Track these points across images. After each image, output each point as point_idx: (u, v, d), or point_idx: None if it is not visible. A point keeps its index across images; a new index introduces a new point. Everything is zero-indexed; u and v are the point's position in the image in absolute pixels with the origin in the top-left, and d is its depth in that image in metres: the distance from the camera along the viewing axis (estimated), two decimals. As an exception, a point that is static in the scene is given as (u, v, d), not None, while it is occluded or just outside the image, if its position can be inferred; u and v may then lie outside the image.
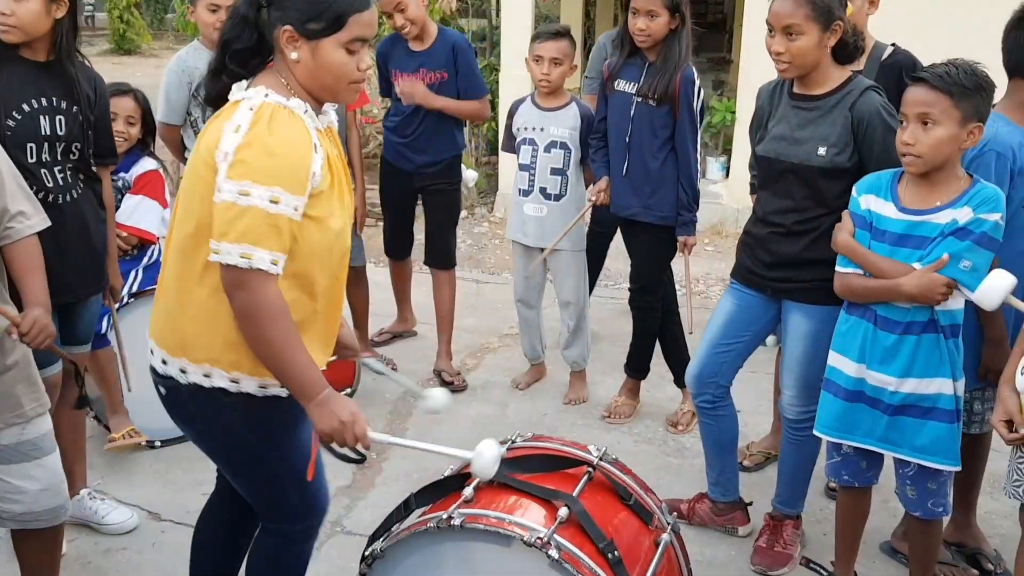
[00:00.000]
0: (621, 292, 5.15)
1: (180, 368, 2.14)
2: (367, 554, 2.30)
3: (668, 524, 2.43)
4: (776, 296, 3.07)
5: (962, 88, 2.46)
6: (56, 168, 2.86)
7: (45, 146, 2.82)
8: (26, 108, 2.77)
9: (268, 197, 1.95)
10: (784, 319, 3.08)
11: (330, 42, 2.04)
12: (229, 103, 2.09)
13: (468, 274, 6.21)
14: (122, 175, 3.74)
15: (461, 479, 2.34)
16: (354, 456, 3.73)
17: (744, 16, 7.16)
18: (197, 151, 2.08)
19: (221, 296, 2.05)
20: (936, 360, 2.61)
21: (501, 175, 7.68)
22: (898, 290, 2.56)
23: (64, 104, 2.83)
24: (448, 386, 4.24)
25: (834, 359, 2.78)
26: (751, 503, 3.36)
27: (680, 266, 4.03)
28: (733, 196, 7.03)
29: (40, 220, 2.56)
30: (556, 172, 4.14)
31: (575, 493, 2.27)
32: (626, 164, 3.88)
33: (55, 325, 2.61)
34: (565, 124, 4.12)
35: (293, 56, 2.05)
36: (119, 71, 13.16)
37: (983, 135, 2.54)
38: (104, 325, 3.48)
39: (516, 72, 6.90)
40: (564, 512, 2.18)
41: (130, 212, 3.73)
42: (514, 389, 4.50)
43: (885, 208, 2.64)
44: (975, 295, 2.48)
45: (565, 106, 4.15)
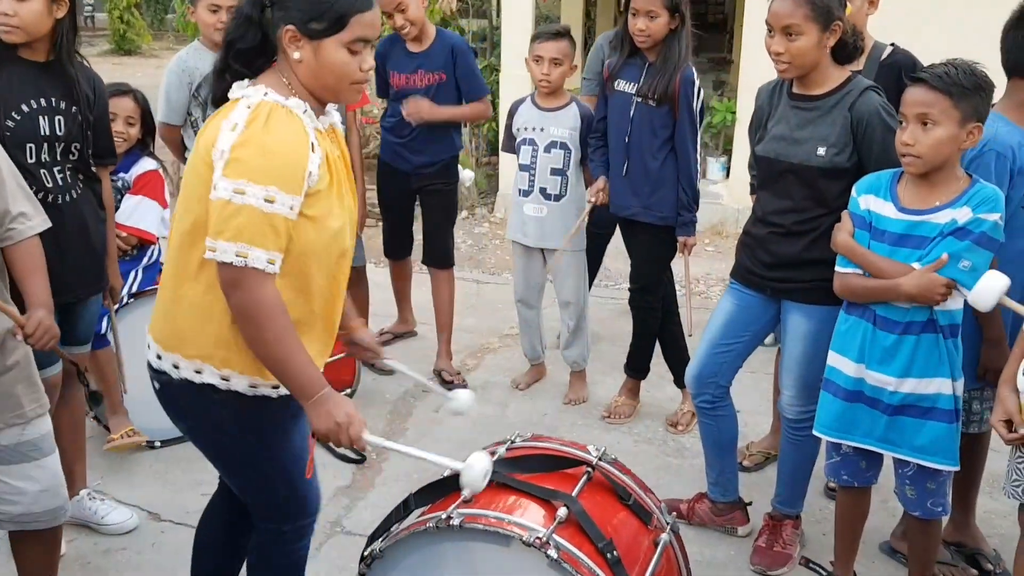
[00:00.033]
0: (621, 292, 5.14)
1: (173, 363, 2.14)
2: (366, 554, 2.30)
3: (667, 524, 2.43)
4: (776, 296, 3.07)
5: (961, 88, 2.46)
6: (56, 168, 2.86)
7: (44, 146, 2.82)
8: (25, 108, 2.77)
9: (263, 196, 1.95)
10: (783, 319, 3.08)
11: (332, 42, 2.04)
12: (229, 101, 2.10)
13: (468, 274, 6.21)
14: (122, 175, 3.74)
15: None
16: (354, 456, 3.76)
17: (744, 16, 7.16)
18: (196, 149, 2.08)
19: (215, 293, 2.05)
20: (935, 360, 2.61)
21: (501, 175, 7.68)
22: (898, 290, 2.56)
23: (63, 104, 2.83)
24: (448, 385, 4.24)
25: (833, 359, 2.78)
26: (750, 503, 3.36)
27: (680, 266, 4.03)
28: (733, 196, 7.02)
29: (41, 221, 2.56)
30: (556, 172, 4.14)
31: (574, 493, 2.27)
32: (626, 164, 3.88)
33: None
34: (565, 124, 4.12)
35: (295, 56, 2.06)
36: (119, 71, 13.16)
37: (982, 135, 2.55)
38: (104, 325, 3.49)
39: (517, 72, 6.90)
40: (563, 512, 2.18)
41: (130, 212, 3.73)
42: (514, 389, 4.50)
43: (884, 208, 2.64)
44: (970, 296, 2.48)
45: (565, 106, 4.15)
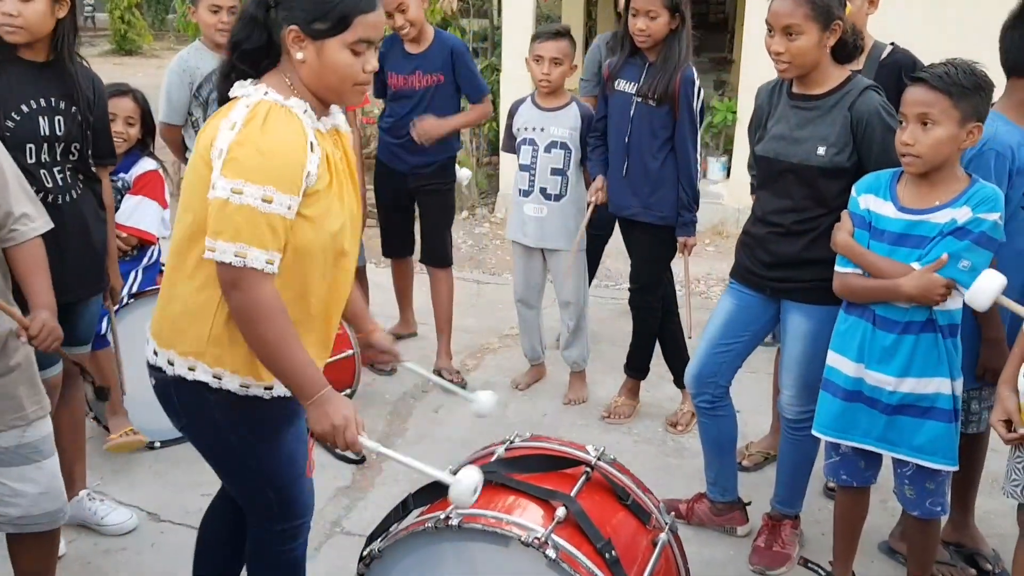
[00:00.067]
0: (621, 292, 5.14)
1: (168, 359, 2.15)
2: (365, 554, 2.30)
3: (666, 524, 2.43)
4: (775, 296, 3.07)
5: (961, 88, 2.46)
6: (56, 169, 2.86)
7: (44, 147, 2.82)
8: (25, 109, 2.77)
9: (261, 196, 1.95)
10: (783, 319, 3.08)
11: (335, 42, 2.03)
12: (230, 100, 2.10)
13: (469, 274, 6.21)
14: (122, 176, 3.75)
15: (459, 479, 2.34)
16: (353, 457, 3.76)
17: (745, 16, 7.16)
18: (197, 148, 2.09)
19: (210, 291, 2.06)
20: (934, 360, 2.61)
21: (502, 175, 7.68)
22: (897, 291, 2.56)
23: (63, 104, 2.83)
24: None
25: (833, 359, 2.78)
26: (749, 503, 3.36)
27: (680, 267, 4.03)
28: (734, 196, 7.02)
29: (44, 222, 2.56)
30: (556, 172, 4.14)
31: (573, 493, 2.27)
32: (626, 164, 3.88)
33: None
34: (565, 124, 4.11)
35: (299, 56, 2.06)
36: (120, 72, 13.15)
37: (982, 134, 2.55)
38: (104, 326, 3.49)
39: (517, 72, 6.89)
40: (562, 512, 2.19)
41: (130, 212, 3.73)
42: (514, 389, 4.50)
43: (884, 208, 2.63)
44: (966, 296, 2.48)
45: (565, 106, 4.14)
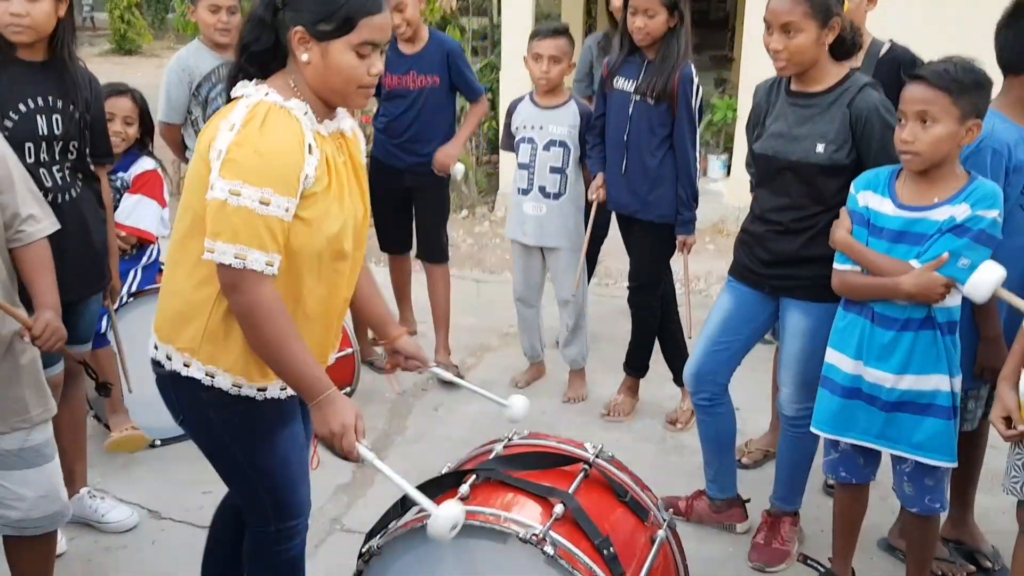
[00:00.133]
0: (620, 291, 5.13)
1: (166, 354, 2.17)
2: (364, 551, 2.31)
3: (664, 521, 2.43)
4: (774, 293, 3.07)
5: (961, 85, 2.46)
6: (55, 168, 2.87)
7: (43, 146, 2.83)
8: (23, 108, 2.77)
9: (259, 198, 1.95)
10: (782, 316, 3.08)
11: (340, 44, 2.03)
12: (232, 101, 2.10)
13: (468, 273, 6.20)
14: (120, 175, 3.75)
15: (457, 476, 2.34)
16: (353, 456, 3.76)
17: (745, 13, 7.15)
18: (198, 148, 2.09)
19: (208, 289, 2.07)
20: (933, 357, 2.61)
21: (502, 174, 7.67)
22: (897, 289, 2.56)
23: (60, 103, 2.84)
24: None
25: (831, 356, 2.78)
26: (749, 500, 3.35)
27: (680, 265, 4.03)
28: (734, 194, 7.00)
29: (50, 224, 2.56)
30: (555, 171, 4.13)
31: (571, 490, 2.27)
32: (624, 162, 3.88)
33: None
34: (564, 122, 4.11)
35: (304, 57, 2.05)
36: (120, 71, 13.14)
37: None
38: (104, 325, 3.49)
39: (517, 71, 6.88)
40: (560, 509, 2.19)
41: (129, 212, 3.74)
42: (514, 388, 4.49)
43: (883, 205, 2.63)
44: (965, 287, 2.48)
45: (564, 104, 4.14)
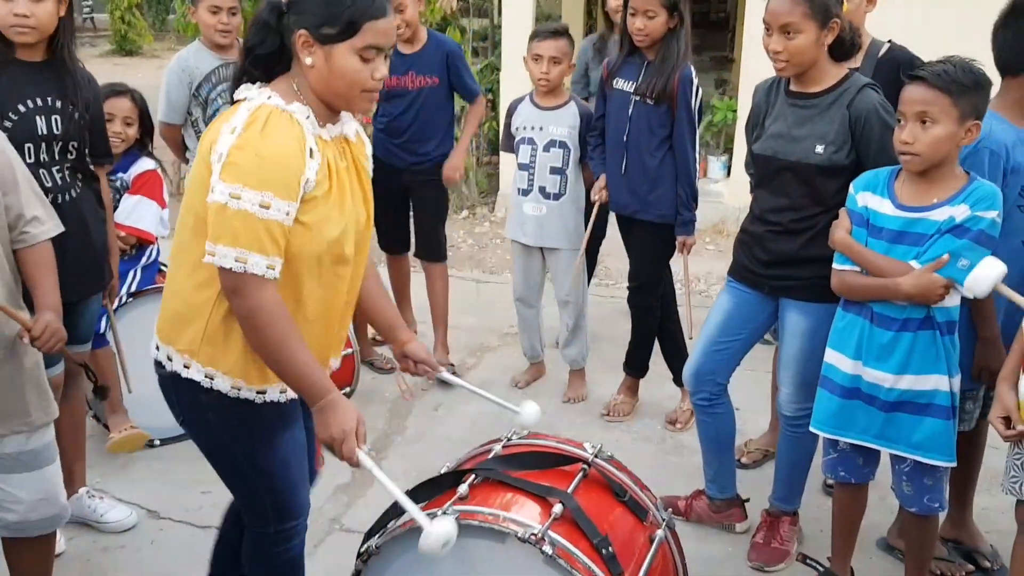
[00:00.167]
0: (620, 291, 5.14)
1: (167, 355, 2.17)
2: (362, 551, 2.31)
3: (663, 520, 2.43)
4: (773, 294, 3.07)
5: (960, 86, 2.46)
6: (55, 168, 2.87)
7: (43, 146, 2.83)
8: (22, 109, 2.78)
9: (259, 202, 1.95)
10: (781, 316, 3.08)
11: (344, 47, 2.03)
12: (234, 103, 2.11)
13: (469, 274, 6.20)
14: (120, 175, 3.75)
15: (456, 476, 2.35)
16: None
17: (746, 15, 7.15)
18: (200, 150, 2.10)
19: (208, 291, 2.08)
20: (932, 357, 2.61)
21: (502, 175, 7.67)
22: (896, 289, 2.56)
23: (59, 104, 2.84)
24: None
25: (830, 356, 2.78)
26: (748, 500, 3.35)
27: (680, 266, 4.03)
28: (735, 195, 6.99)
29: (54, 226, 2.56)
30: (555, 171, 4.14)
31: (570, 490, 2.27)
32: (624, 162, 3.88)
33: None
34: (564, 123, 4.12)
35: (308, 61, 2.05)
36: (120, 72, 13.16)
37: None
38: (103, 325, 3.49)
39: (517, 72, 6.88)
40: (559, 508, 2.19)
41: (128, 212, 3.74)
42: (513, 388, 4.50)
43: (882, 205, 2.64)
44: (966, 282, 2.47)
45: (564, 105, 4.15)
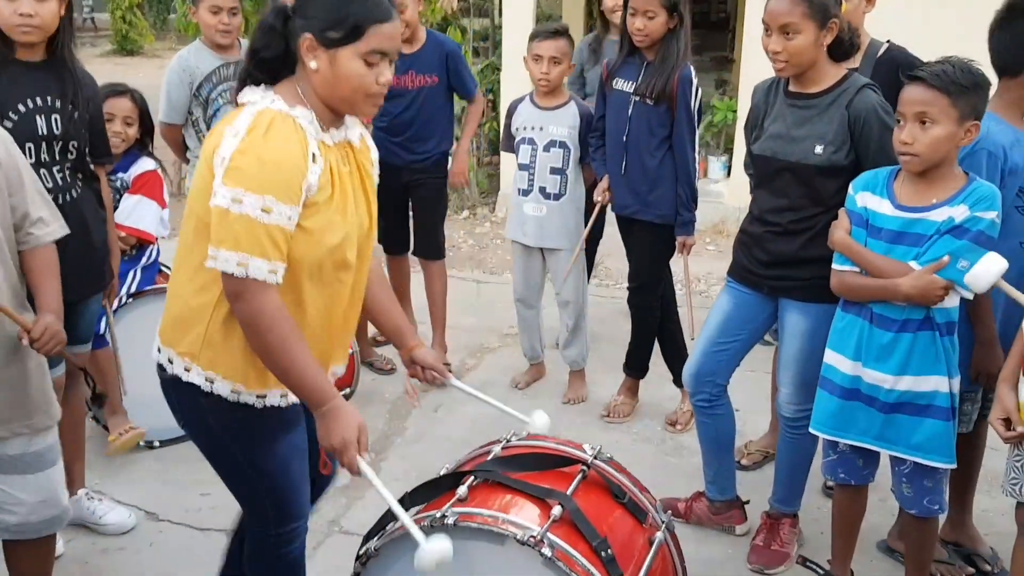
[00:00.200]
0: (620, 292, 5.13)
1: (168, 358, 2.17)
2: (361, 553, 2.30)
3: (662, 522, 2.42)
4: (773, 294, 3.07)
5: (959, 87, 2.46)
6: (55, 168, 2.87)
7: (43, 146, 2.83)
8: (22, 108, 2.77)
9: (260, 206, 1.95)
10: (781, 317, 3.08)
11: (348, 51, 2.03)
12: (238, 106, 2.10)
13: (469, 274, 6.20)
14: (120, 175, 3.75)
15: (455, 478, 2.34)
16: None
17: (746, 15, 7.14)
18: (203, 153, 2.09)
19: (209, 295, 2.08)
20: (932, 358, 2.61)
21: (503, 175, 7.66)
22: (896, 290, 2.56)
23: (59, 103, 2.84)
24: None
25: (830, 356, 2.78)
26: (748, 502, 3.35)
27: (680, 266, 4.03)
28: (735, 195, 6.98)
29: (59, 228, 2.56)
30: (555, 171, 4.14)
31: (569, 491, 2.26)
32: (624, 163, 3.88)
33: None
34: (564, 123, 4.12)
35: (312, 65, 2.05)
36: (121, 72, 13.16)
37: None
38: (103, 325, 3.49)
39: (518, 72, 6.87)
40: (558, 510, 2.18)
41: (128, 212, 3.74)
42: (513, 388, 4.50)
43: (881, 205, 2.63)
44: (967, 278, 2.45)
45: (564, 105, 4.15)
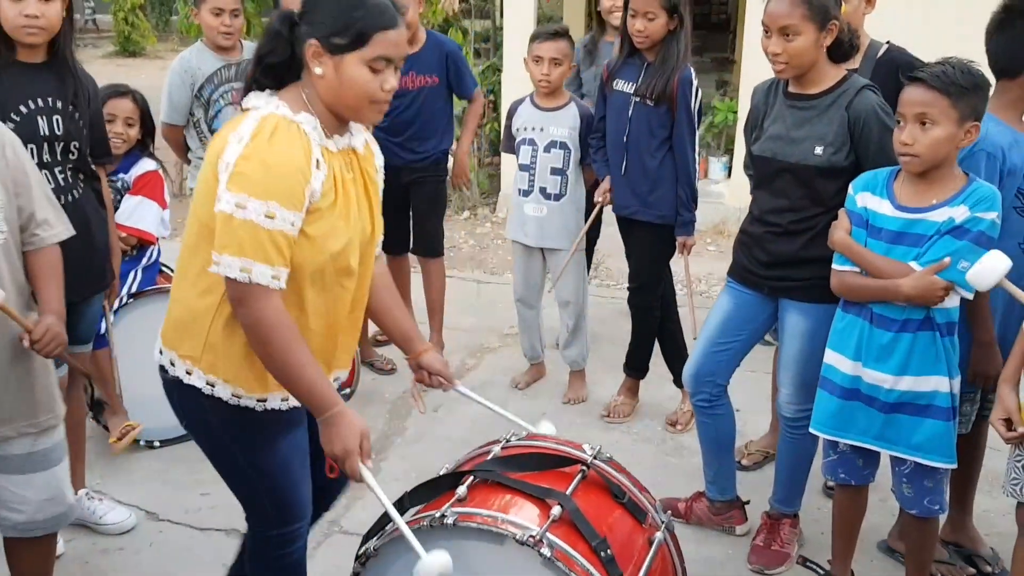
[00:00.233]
0: (621, 292, 5.14)
1: (170, 360, 2.18)
2: (361, 553, 2.30)
3: (662, 523, 2.42)
4: (773, 294, 3.07)
5: (959, 88, 2.46)
6: (57, 169, 2.87)
7: (45, 147, 2.83)
8: (24, 110, 2.78)
9: (264, 212, 1.96)
10: (781, 317, 3.08)
11: (353, 58, 2.03)
12: (243, 111, 2.11)
13: (470, 274, 6.20)
14: (121, 176, 3.76)
15: (455, 478, 2.34)
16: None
17: (746, 16, 7.14)
18: (207, 157, 2.10)
19: (210, 298, 2.09)
20: (932, 358, 2.61)
21: (504, 175, 7.66)
22: (897, 291, 2.56)
23: (59, 104, 2.84)
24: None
25: (830, 357, 2.78)
26: (748, 502, 3.35)
27: (680, 267, 4.03)
28: (735, 196, 6.99)
29: (64, 230, 2.56)
30: (556, 172, 4.14)
31: (568, 491, 2.26)
32: (624, 163, 3.88)
33: None
34: (565, 124, 4.12)
35: (318, 71, 2.05)
36: (124, 73, 13.15)
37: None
38: (103, 325, 3.50)
39: (519, 73, 6.87)
40: (557, 510, 2.18)
41: (129, 212, 3.74)
42: (514, 388, 4.51)
43: (881, 206, 2.64)
44: (969, 275, 2.43)
45: (564, 106, 4.15)
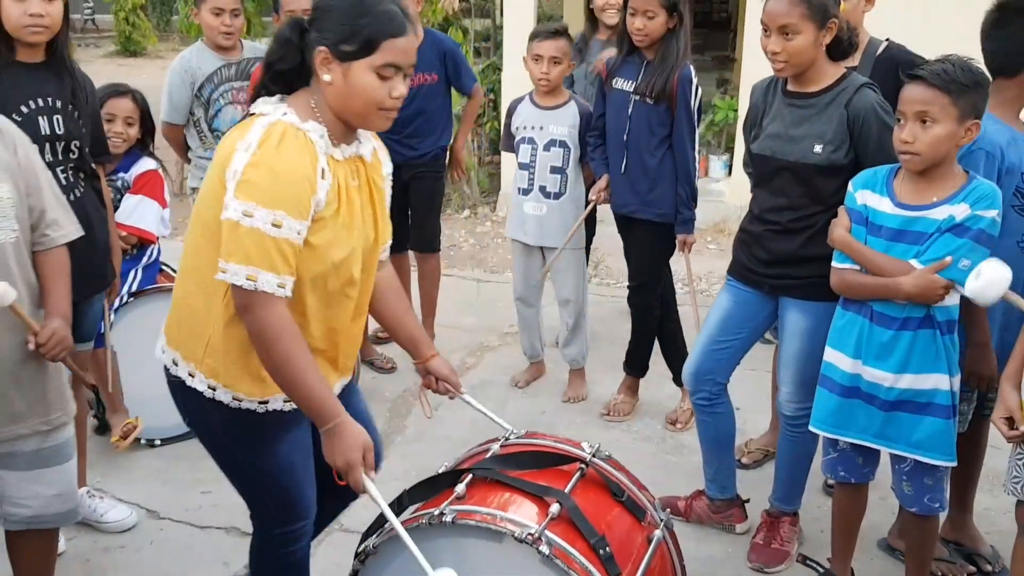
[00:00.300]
0: (620, 290, 5.14)
1: (173, 360, 2.20)
2: (360, 550, 2.31)
3: (661, 521, 2.42)
4: (773, 293, 3.07)
5: (960, 85, 2.46)
6: (59, 168, 2.88)
7: (47, 146, 2.84)
8: (24, 110, 2.78)
9: (271, 220, 1.96)
10: (781, 315, 3.08)
11: (362, 65, 2.03)
12: (251, 116, 2.11)
13: (470, 273, 6.20)
14: (121, 175, 3.76)
15: (453, 476, 2.35)
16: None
17: (747, 14, 7.14)
18: (214, 162, 2.10)
19: (211, 302, 2.10)
20: (932, 356, 2.60)
21: (504, 174, 7.66)
22: (897, 289, 2.56)
23: (59, 103, 2.84)
24: None
25: (830, 355, 2.78)
26: (748, 500, 3.35)
27: (681, 265, 4.03)
28: (736, 194, 6.99)
29: (73, 230, 2.56)
30: (555, 171, 4.14)
31: (567, 489, 2.27)
32: (624, 162, 3.88)
33: None
34: (564, 122, 4.12)
35: (326, 78, 2.06)
36: (124, 73, 13.18)
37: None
38: (102, 325, 3.50)
39: (519, 72, 6.87)
40: (556, 508, 2.18)
41: (129, 212, 3.74)
42: (513, 387, 4.51)
43: (881, 203, 2.63)
44: (971, 291, 2.41)
45: (564, 104, 4.15)
